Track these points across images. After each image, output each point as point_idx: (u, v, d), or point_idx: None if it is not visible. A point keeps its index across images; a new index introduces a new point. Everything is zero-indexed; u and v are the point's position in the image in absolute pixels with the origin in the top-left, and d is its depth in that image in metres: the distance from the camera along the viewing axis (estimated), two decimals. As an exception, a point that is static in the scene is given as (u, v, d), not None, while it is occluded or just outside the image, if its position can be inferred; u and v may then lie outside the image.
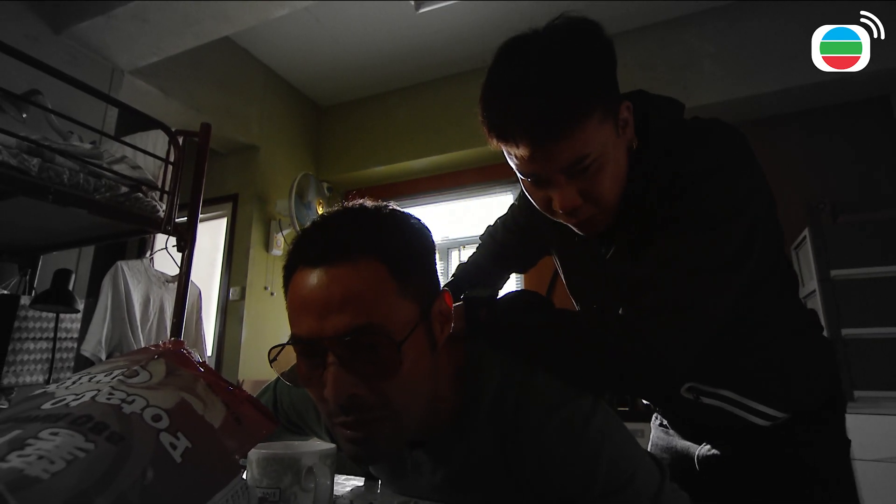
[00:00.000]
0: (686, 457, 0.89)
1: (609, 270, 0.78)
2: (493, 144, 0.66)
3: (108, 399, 0.39)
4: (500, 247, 1.07)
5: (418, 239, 0.57)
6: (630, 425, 0.65)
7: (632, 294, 0.64)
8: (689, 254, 0.63)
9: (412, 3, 2.82)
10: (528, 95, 0.61)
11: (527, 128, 0.61)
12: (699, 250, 0.63)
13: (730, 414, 0.76)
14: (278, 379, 0.80)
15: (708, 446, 0.87)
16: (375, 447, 0.53)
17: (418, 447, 0.64)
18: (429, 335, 0.55)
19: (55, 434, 0.34)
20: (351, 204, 0.57)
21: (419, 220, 0.60)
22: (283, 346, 0.53)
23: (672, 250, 0.64)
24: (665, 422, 0.98)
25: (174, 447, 0.39)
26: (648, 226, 0.68)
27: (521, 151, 0.63)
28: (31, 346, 1.77)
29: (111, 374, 0.43)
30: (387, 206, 0.58)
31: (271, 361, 0.54)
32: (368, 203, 0.57)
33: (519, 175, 0.69)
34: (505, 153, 0.67)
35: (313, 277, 0.50)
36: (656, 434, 1.01)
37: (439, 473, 0.64)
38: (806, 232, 2.46)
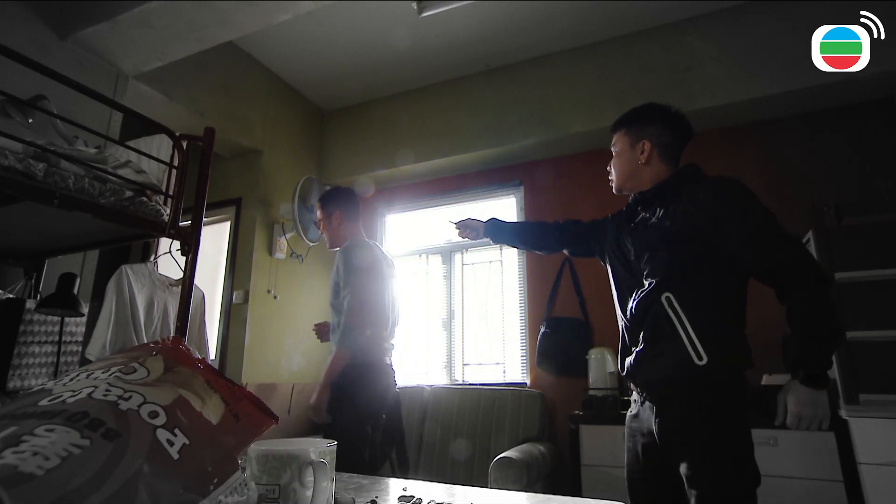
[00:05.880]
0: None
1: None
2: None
3: (105, 395, 0.39)
4: (553, 224, 1.66)
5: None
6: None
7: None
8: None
9: (414, 7, 2.83)
10: None
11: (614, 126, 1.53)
12: None
13: (677, 334, 1.19)
14: None
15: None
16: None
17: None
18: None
19: (51, 430, 0.34)
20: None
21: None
22: None
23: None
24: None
25: (171, 444, 0.39)
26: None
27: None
28: (37, 349, 1.77)
29: (109, 370, 0.43)
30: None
31: None
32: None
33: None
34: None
35: None
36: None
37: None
38: (810, 234, 2.44)
